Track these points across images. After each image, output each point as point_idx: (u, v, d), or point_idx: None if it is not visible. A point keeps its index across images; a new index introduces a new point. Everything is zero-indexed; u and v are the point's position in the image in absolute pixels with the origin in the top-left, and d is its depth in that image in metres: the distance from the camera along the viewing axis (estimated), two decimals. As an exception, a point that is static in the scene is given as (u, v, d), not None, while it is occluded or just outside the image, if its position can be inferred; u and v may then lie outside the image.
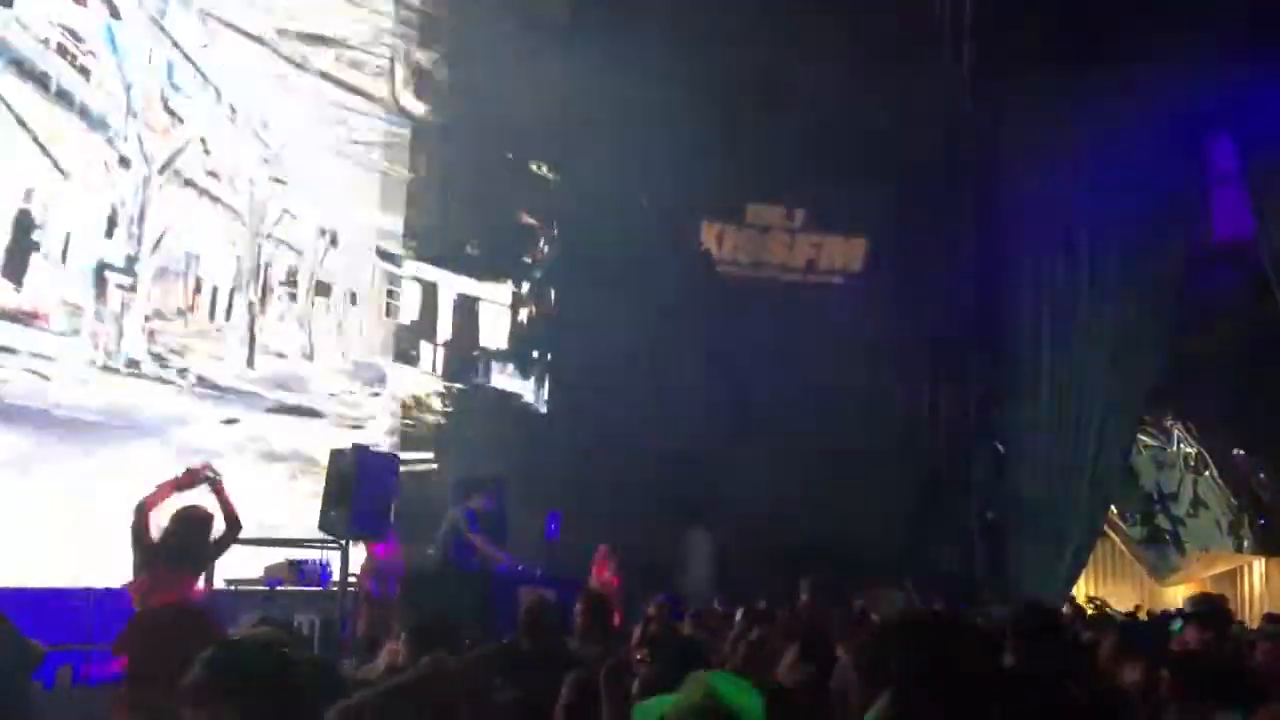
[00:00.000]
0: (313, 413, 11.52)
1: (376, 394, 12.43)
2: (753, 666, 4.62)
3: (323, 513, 8.48)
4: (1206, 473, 16.80)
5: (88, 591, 7.52)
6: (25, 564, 8.27)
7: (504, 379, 14.05)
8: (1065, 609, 10.00)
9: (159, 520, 6.39)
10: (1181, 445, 17.01)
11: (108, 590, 7.21)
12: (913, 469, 14.72)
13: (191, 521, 6.31)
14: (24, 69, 9.34)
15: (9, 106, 9.18)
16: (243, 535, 8.28)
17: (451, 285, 13.52)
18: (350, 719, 2.38)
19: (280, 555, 9.50)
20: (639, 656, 4.66)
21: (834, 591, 8.71)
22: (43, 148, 9.40)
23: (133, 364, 10.02)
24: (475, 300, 13.78)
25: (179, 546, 6.23)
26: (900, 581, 11.08)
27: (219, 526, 6.48)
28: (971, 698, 2.64)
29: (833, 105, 13.91)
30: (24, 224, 9.32)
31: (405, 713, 2.45)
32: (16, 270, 9.24)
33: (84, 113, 9.76)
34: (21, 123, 9.26)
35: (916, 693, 2.64)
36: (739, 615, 6.86)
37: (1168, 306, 14.59)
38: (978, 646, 3.03)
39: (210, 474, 6.69)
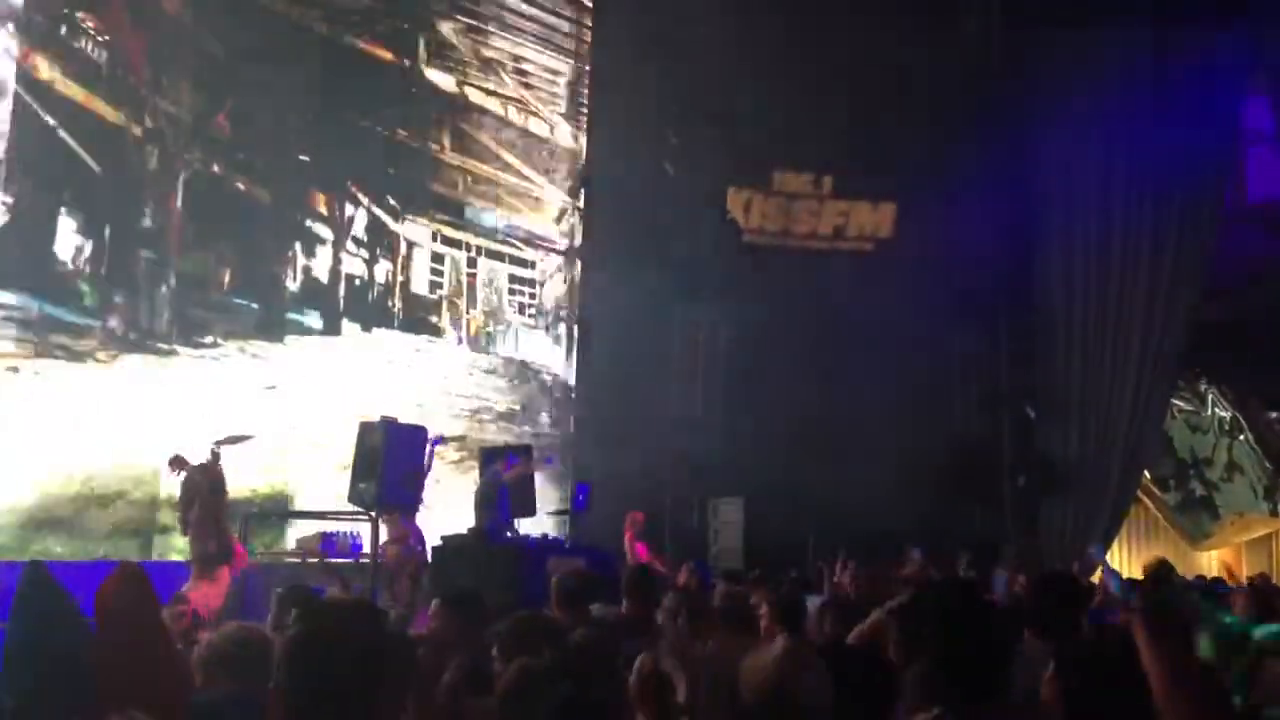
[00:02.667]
0: (340, 385, 11.58)
1: (405, 366, 12.48)
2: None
3: (352, 485, 8.54)
4: (1241, 437, 16.63)
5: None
6: (59, 538, 8.38)
7: (532, 350, 14.07)
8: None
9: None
10: (1216, 409, 16.84)
11: (144, 562, 7.30)
12: (943, 434, 14.64)
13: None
14: (50, 47, 9.39)
15: (36, 84, 9.24)
16: (274, 509, 8.46)
17: (478, 257, 13.53)
18: None
19: (311, 527, 9.60)
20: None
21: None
22: (70, 124, 9.45)
23: (162, 338, 10.11)
24: (502, 272, 13.79)
25: None
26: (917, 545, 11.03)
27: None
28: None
29: (859, 69, 13.77)
30: (53, 201, 9.40)
31: None
32: (47, 246, 9.33)
33: (110, 89, 9.80)
34: (48, 100, 9.31)
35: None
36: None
37: (1201, 268, 14.41)
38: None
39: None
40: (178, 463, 7.67)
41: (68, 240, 9.41)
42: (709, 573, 9.81)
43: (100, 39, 9.76)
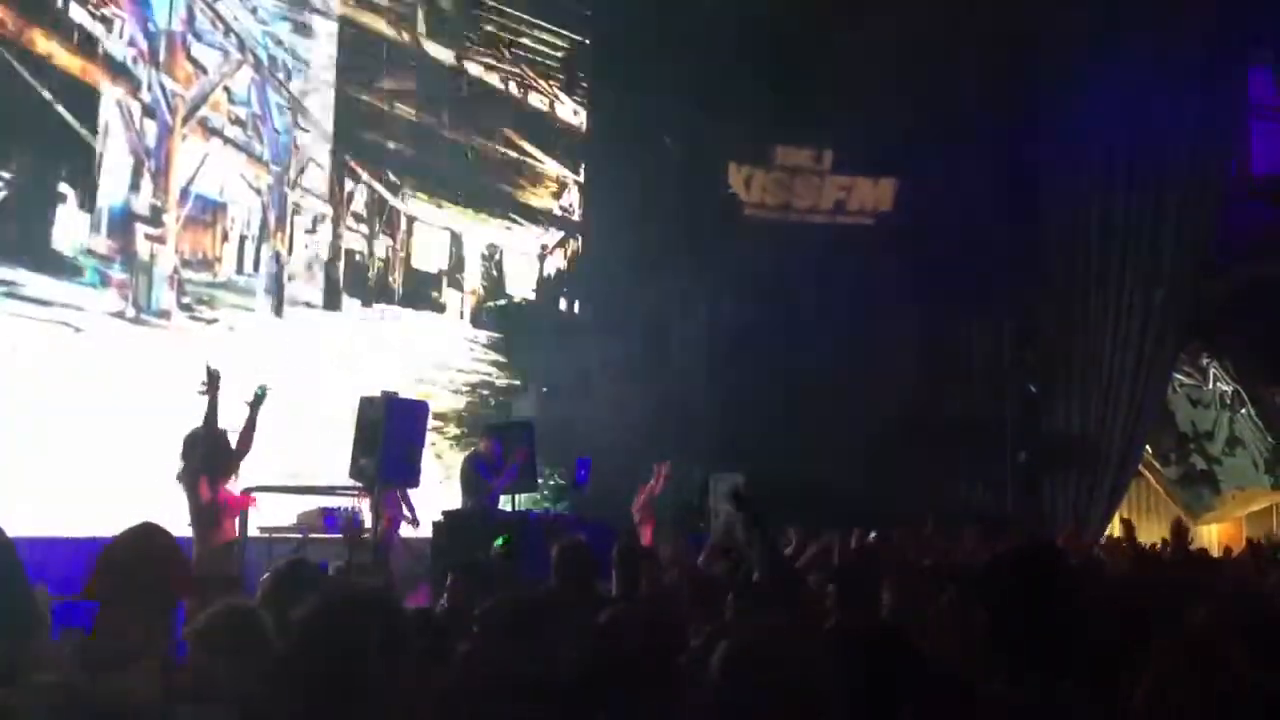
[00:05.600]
0: (341, 361, 11.55)
1: (406, 341, 12.45)
2: None
3: (353, 461, 8.50)
4: (1243, 411, 16.62)
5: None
6: (58, 514, 8.36)
7: (531, 326, 14.03)
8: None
9: None
10: (1217, 383, 16.81)
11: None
12: (945, 410, 14.64)
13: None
14: (47, 19, 9.31)
15: (33, 58, 9.17)
16: (276, 484, 8.38)
17: (479, 233, 13.48)
18: None
19: (313, 503, 9.58)
20: None
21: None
22: (67, 99, 9.39)
23: (162, 314, 10.07)
24: (502, 248, 13.75)
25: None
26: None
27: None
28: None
29: (861, 43, 13.68)
30: (50, 175, 9.34)
31: None
32: (45, 222, 9.28)
33: (107, 63, 9.74)
34: (46, 73, 9.24)
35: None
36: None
37: (1205, 242, 14.37)
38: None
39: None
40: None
41: (66, 215, 9.36)
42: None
43: (97, 11, 9.68)
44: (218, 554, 6.85)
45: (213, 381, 7.08)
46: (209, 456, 6.99)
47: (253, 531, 8.59)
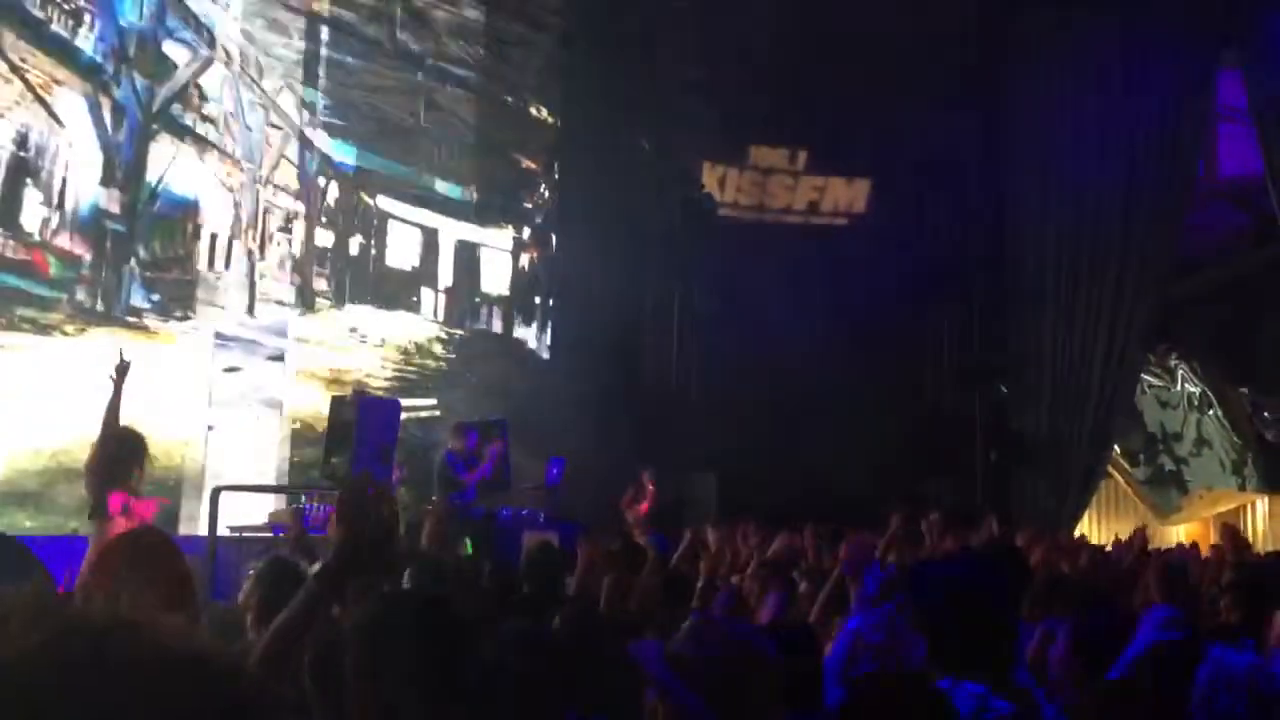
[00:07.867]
0: (314, 360, 11.50)
1: (379, 341, 12.40)
2: None
3: (325, 460, 8.48)
4: (1210, 412, 16.77)
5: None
6: (28, 512, 8.30)
7: (505, 324, 14.01)
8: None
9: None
10: (1185, 385, 16.96)
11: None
12: (916, 409, 14.71)
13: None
14: (16, 16, 9.23)
15: (2, 54, 9.09)
16: (247, 483, 8.31)
17: (452, 231, 13.44)
18: None
19: (284, 502, 9.55)
20: None
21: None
22: (37, 95, 9.31)
23: (132, 312, 10.00)
24: (476, 246, 13.71)
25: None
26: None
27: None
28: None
29: (836, 44, 13.73)
30: (19, 172, 9.26)
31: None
32: (13, 219, 9.20)
33: (77, 59, 9.66)
34: (15, 70, 9.16)
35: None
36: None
37: (1173, 243, 14.50)
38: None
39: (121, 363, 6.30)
40: None
41: (33, 212, 9.28)
42: (665, 544, 9.81)
43: (67, 7, 9.60)
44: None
45: (121, 373, 6.18)
46: (111, 462, 6.16)
47: (223, 531, 8.56)
